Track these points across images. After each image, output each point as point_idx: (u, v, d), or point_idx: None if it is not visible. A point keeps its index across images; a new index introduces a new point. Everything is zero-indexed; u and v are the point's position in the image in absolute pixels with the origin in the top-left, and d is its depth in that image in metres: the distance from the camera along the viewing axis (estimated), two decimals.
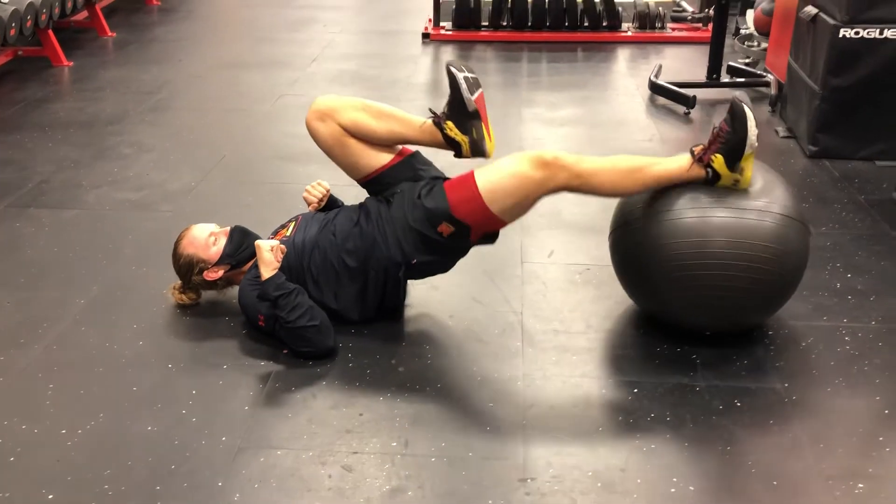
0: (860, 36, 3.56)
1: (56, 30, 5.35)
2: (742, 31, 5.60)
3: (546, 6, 5.83)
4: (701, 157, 2.25)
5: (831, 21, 3.61)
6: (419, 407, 2.16)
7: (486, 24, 5.96)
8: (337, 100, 2.46)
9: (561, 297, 2.67)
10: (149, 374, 2.29)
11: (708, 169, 2.25)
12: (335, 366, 2.32)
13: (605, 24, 5.90)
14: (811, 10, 3.81)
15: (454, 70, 2.36)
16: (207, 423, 2.10)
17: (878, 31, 3.55)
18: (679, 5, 6.46)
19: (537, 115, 4.38)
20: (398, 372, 2.30)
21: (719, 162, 2.23)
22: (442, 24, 6.01)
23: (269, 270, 2.33)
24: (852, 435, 2.06)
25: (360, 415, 2.13)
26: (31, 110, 4.46)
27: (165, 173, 3.63)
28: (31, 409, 2.16)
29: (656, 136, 4.09)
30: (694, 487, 1.90)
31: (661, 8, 6.01)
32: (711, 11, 4.87)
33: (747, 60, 5.19)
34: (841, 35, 3.57)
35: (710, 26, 4.79)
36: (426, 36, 5.94)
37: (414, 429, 2.08)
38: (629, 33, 5.91)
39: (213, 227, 2.55)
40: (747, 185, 2.26)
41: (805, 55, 3.90)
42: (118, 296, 2.68)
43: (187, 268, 2.50)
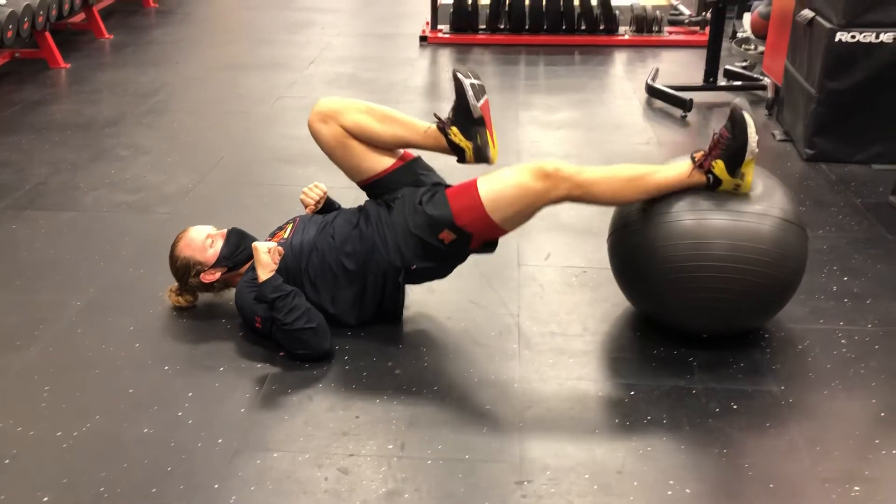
0: (856, 40, 3.57)
1: (53, 32, 5.35)
2: (739, 35, 5.61)
3: (543, 9, 5.83)
4: (702, 163, 2.26)
5: (828, 25, 3.62)
6: (416, 409, 2.16)
7: (484, 27, 5.97)
8: (340, 102, 2.46)
9: (558, 300, 2.67)
10: (145, 377, 2.29)
11: (709, 175, 2.25)
12: (332, 368, 2.32)
13: (602, 28, 5.91)
14: (808, 13, 3.81)
15: (461, 76, 2.36)
16: (204, 425, 2.10)
17: (874, 34, 3.56)
18: (676, 9, 6.47)
19: (534, 117, 4.39)
20: (395, 374, 2.30)
21: (720, 167, 2.23)
22: (439, 26, 6.02)
23: (266, 272, 2.33)
24: (849, 438, 2.07)
25: (357, 417, 2.13)
26: (28, 112, 4.45)
27: (162, 175, 3.63)
28: (26, 411, 2.15)
29: (653, 140, 4.10)
30: (690, 490, 1.90)
31: (658, 11, 6.02)
32: (708, 15, 4.88)
33: (744, 64, 5.20)
34: (837, 39, 3.58)
35: (707, 30, 4.80)
36: (423, 39, 5.94)
37: (410, 431, 2.08)
38: (626, 37, 5.92)
39: (211, 230, 2.55)
40: (748, 190, 2.27)
41: (802, 59, 3.91)
42: (115, 298, 2.67)
43: (184, 270, 2.50)
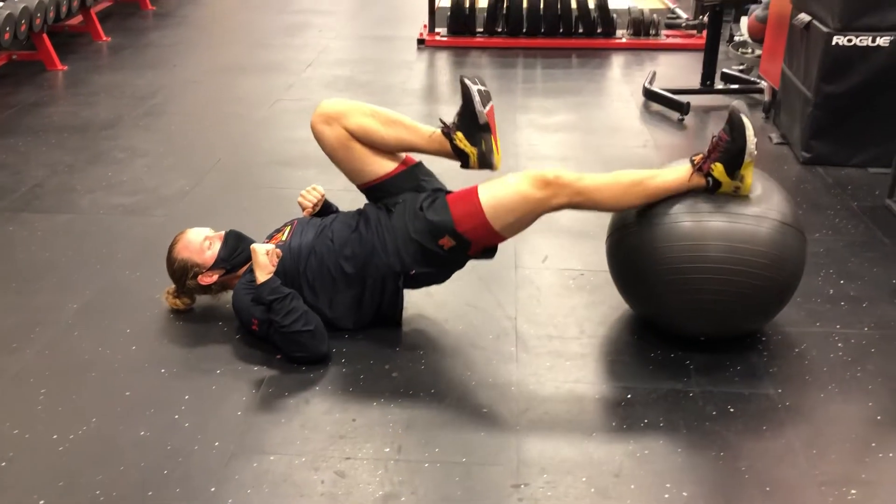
0: (853, 43, 3.58)
1: (51, 34, 5.35)
2: (736, 38, 5.62)
3: (541, 12, 5.84)
4: (701, 166, 2.27)
5: (824, 28, 3.63)
6: (413, 412, 2.15)
7: (481, 30, 5.98)
8: (344, 104, 2.46)
9: (555, 303, 2.67)
10: (142, 379, 2.28)
11: (708, 178, 2.26)
12: (329, 371, 2.32)
13: (599, 31, 5.92)
14: (804, 17, 3.82)
15: (468, 82, 2.37)
16: (200, 428, 2.09)
17: (870, 38, 3.57)
18: (673, 12, 6.48)
19: (532, 120, 4.39)
20: (392, 377, 2.30)
21: (719, 170, 2.24)
22: (437, 29, 6.02)
23: (264, 274, 2.32)
24: (845, 441, 2.07)
25: (354, 420, 2.12)
26: (25, 114, 4.45)
27: (159, 178, 3.63)
28: (22, 414, 2.15)
29: (650, 143, 4.10)
30: (687, 493, 1.90)
31: (655, 15, 6.04)
32: (706, 18, 4.89)
33: (741, 67, 5.22)
34: (834, 42, 3.59)
35: (705, 33, 4.81)
36: (421, 42, 5.95)
37: (407, 434, 2.07)
38: (624, 40, 5.93)
39: (208, 232, 2.54)
40: (747, 192, 2.27)
41: (798, 62, 3.92)
42: (111, 300, 2.67)
43: (182, 272, 2.50)
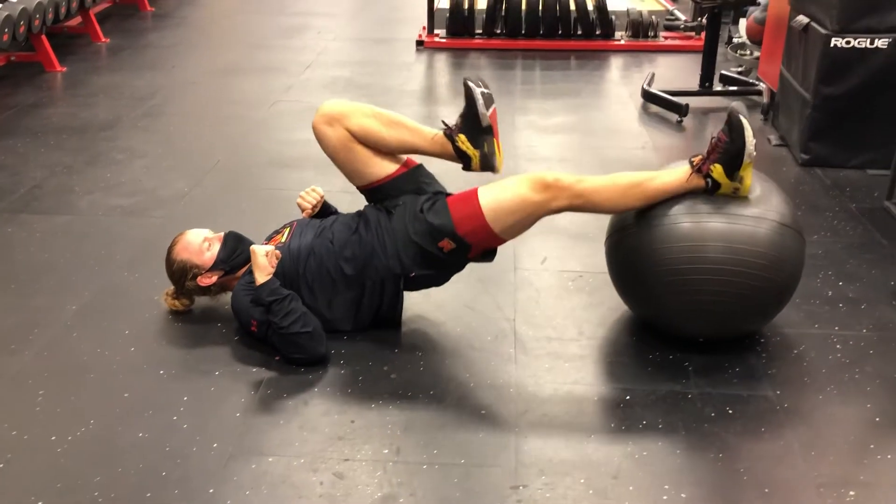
0: (851, 45, 3.58)
1: (49, 35, 5.35)
2: (734, 40, 5.63)
3: (540, 14, 5.85)
4: (700, 168, 2.27)
5: (822, 31, 3.63)
6: (411, 414, 2.15)
7: (480, 31, 5.98)
8: (346, 105, 2.46)
9: (554, 304, 2.67)
10: (140, 381, 2.28)
11: (708, 179, 2.26)
12: (327, 372, 2.32)
13: (598, 33, 5.92)
14: (803, 19, 3.83)
15: (471, 85, 2.36)
16: (199, 429, 2.09)
17: (868, 40, 3.57)
18: (672, 14, 6.49)
19: (531, 122, 4.39)
20: (390, 379, 2.30)
21: (718, 171, 2.24)
22: (436, 31, 6.03)
23: (263, 275, 2.32)
24: (844, 442, 2.07)
25: (352, 422, 2.12)
26: (23, 115, 4.45)
27: (158, 179, 3.63)
28: (21, 415, 2.14)
29: (649, 144, 4.11)
30: (686, 494, 1.90)
31: (654, 17, 6.04)
32: (704, 20, 4.90)
33: (740, 69, 5.22)
34: (832, 44, 3.59)
35: (703, 35, 4.81)
36: (420, 43, 5.95)
37: (406, 436, 2.07)
38: (622, 42, 5.94)
39: (208, 233, 2.54)
40: (747, 193, 2.28)
41: (797, 64, 3.92)
42: (110, 302, 2.67)
43: (181, 273, 2.50)
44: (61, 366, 2.35)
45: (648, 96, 4.66)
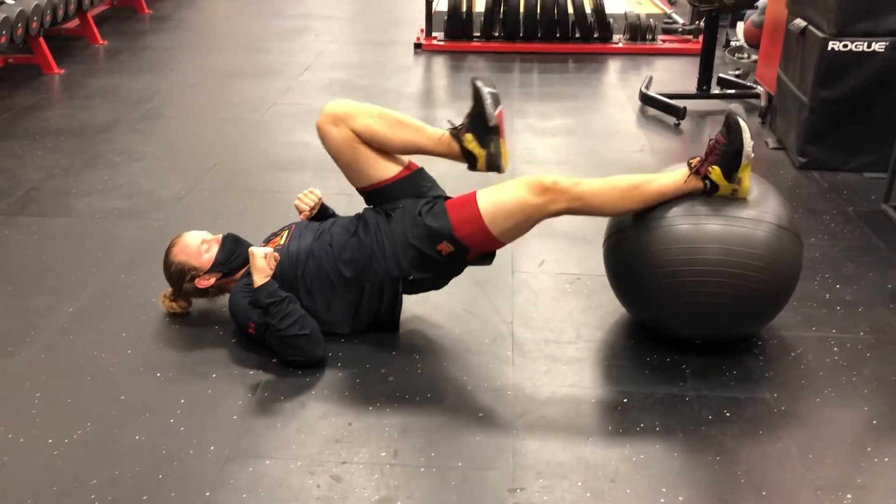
0: (848, 49, 3.59)
1: (47, 37, 5.35)
2: (732, 44, 5.64)
3: (538, 17, 5.85)
4: (698, 169, 2.27)
5: (820, 34, 3.64)
6: (409, 417, 2.15)
7: (478, 34, 5.99)
8: (352, 105, 2.45)
9: (551, 307, 2.67)
10: (137, 383, 2.28)
11: (706, 180, 2.26)
12: (325, 375, 2.31)
13: (596, 36, 5.93)
14: (800, 22, 3.84)
15: (480, 85, 2.36)
16: (196, 432, 2.09)
17: (865, 44, 3.58)
18: (670, 17, 6.50)
19: (529, 125, 4.40)
20: (388, 381, 2.29)
21: (717, 173, 2.24)
22: (434, 34, 6.03)
23: (261, 277, 2.32)
24: (841, 445, 2.07)
25: (349, 424, 2.12)
26: (21, 118, 4.44)
27: (156, 181, 3.63)
28: (17, 417, 2.14)
29: (647, 147, 4.11)
30: (683, 497, 1.90)
31: (652, 20, 6.05)
32: (702, 24, 4.91)
33: (737, 72, 5.23)
34: (829, 48, 3.60)
35: (701, 38, 4.82)
36: (418, 46, 5.96)
37: (403, 438, 2.07)
38: (620, 45, 5.95)
39: (206, 235, 2.54)
40: (745, 194, 2.28)
41: (794, 67, 3.93)
42: (107, 304, 2.66)
43: (179, 275, 2.49)
44: (58, 368, 2.34)
45: (646, 99, 4.66)
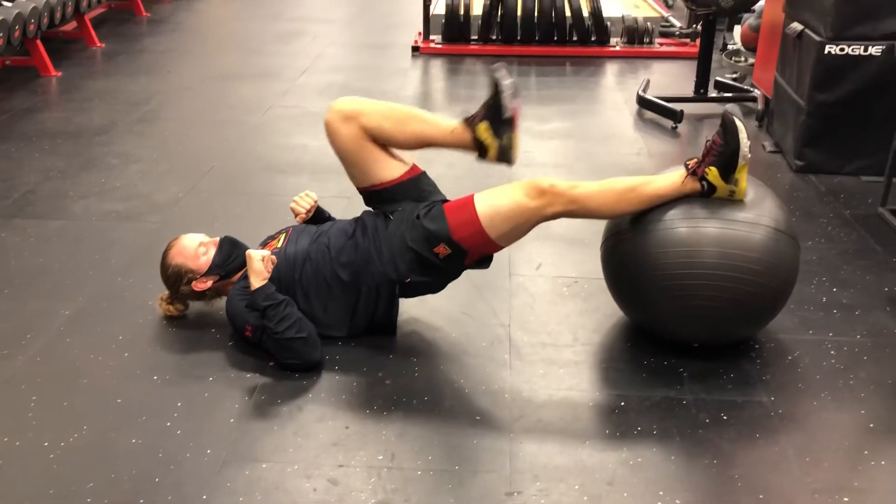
0: (845, 52, 3.60)
1: (44, 40, 5.34)
2: (729, 47, 5.65)
3: (535, 20, 5.86)
4: (695, 171, 2.28)
5: (817, 38, 3.65)
6: (406, 420, 2.15)
7: (476, 37, 5.99)
8: (361, 102, 2.44)
9: (549, 310, 2.67)
10: (134, 386, 2.28)
11: (703, 182, 2.26)
12: (322, 378, 2.31)
13: (593, 39, 5.94)
14: (797, 26, 3.84)
15: (499, 75, 2.35)
16: (192, 435, 2.08)
17: (862, 47, 3.58)
18: (667, 20, 6.51)
19: (526, 128, 4.39)
20: (385, 385, 2.29)
21: (714, 174, 2.24)
22: (431, 37, 6.04)
23: (259, 280, 2.32)
24: (838, 448, 2.07)
25: (347, 428, 2.12)
26: (18, 120, 4.44)
27: (153, 184, 3.62)
28: (13, 420, 2.13)
29: (644, 150, 4.11)
30: (680, 501, 1.90)
31: (649, 23, 6.06)
32: (699, 27, 4.91)
33: (734, 75, 5.24)
34: (826, 51, 3.61)
35: (698, 42, 4.83)
36: (416, 49, 5.96)
37: (400, 442, 2.07)
38: (617, 48, 5.95)
39: (203, 237, 2.54)
40: (742, 195, 2.28)
41: (791, 71, 3.94)
42: (104, 307, 2.66)
43: (176, 278, 2.49)
44: (55, 371, 2.34)
45: (643, 102, 4.67)
